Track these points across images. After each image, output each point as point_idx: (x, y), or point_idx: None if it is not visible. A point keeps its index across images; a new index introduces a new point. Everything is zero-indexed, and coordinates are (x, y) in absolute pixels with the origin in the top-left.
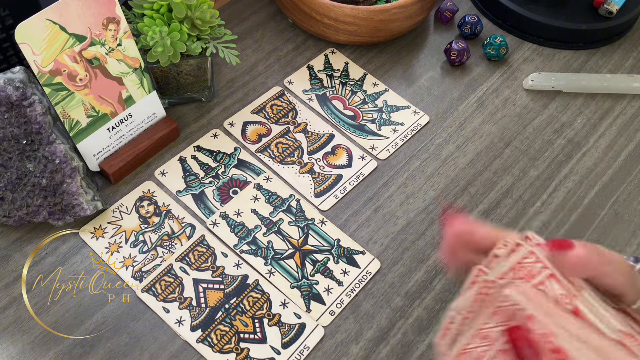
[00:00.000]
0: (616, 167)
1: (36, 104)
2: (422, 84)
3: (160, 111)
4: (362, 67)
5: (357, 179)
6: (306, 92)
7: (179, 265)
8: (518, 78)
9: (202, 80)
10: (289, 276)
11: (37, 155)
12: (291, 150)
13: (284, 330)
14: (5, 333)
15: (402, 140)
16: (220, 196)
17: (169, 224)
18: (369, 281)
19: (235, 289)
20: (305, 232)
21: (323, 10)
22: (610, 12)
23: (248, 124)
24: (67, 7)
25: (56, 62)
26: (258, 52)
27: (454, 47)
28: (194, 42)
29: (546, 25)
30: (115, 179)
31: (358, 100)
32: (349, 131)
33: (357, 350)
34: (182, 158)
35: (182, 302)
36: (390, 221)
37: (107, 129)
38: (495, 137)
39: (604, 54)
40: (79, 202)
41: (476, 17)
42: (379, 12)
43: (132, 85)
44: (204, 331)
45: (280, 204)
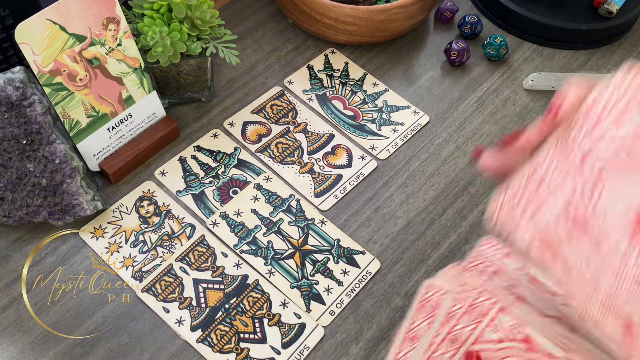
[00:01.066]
0: None
1: (36, 104)
2: (422, 84)
3: (160, 111)
4: (362, 67)
5: (357, 179)
6: (306, 92)
7: (179, 265)
8: (518, 78)
9: (202, 80)
10: (289, 276)
11: (37, 155)
12: (291, 150)
13: (284, 330)
14: (5, 333)
15: (402, 140)
16: (220, 196)
17: (169, 224)
18: (369, 281)
19: (235, 289)
20: (305, 232)
21: (323, 10)
22: (610, 12)
23: (248, 124)
24: (67, 7)
25: (56, 62)
26: (258, 52)
27: (454, 47)
28: (194, 42)
29: (546, 25)
30: (115, 179)
31: (358, 100)
32: (349, 131)
33: (357, 350)
34: (182, 158)
35: (182, 302)
36: (390, 221)
37: (107, 129)
38: (495, 137)
39: (604, 54)
40: (79, 202)
41: (476, 17)
42: (379, 12)
43: (132, 85)
44: (204, 331)
45: (280, 204)
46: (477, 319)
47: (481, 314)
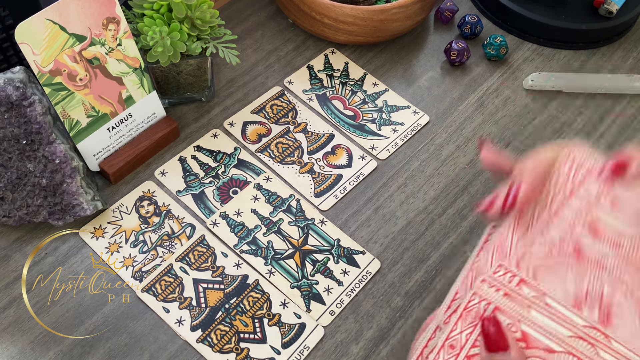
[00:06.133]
0: None
1: (36, 104)
2: (422, 84)
3: (160, 111)
4: (362, 67)
5: (357, 179)
6: (306, 92)
7: (179, 265)
8: (518, 78)
9: (202, 80)
10: (289, 276)
11: (37, 155)
12: (291, 150)
13: (284, 330)
14: (5, 333)
15: (402, 140)
16: (220, 196)
17: (169, 224)
18: (369, 281)
19: (235, 289)
20: (305, 232)
21: (323, 10)
22: (610, 12)
23: (248, 124)
24: (67, 7)
25: (56, 62)
26: (258, 52)
27: (454, 47)
28: (194, 42)
29: (546, 25)
30: (115, 179)
31: (358, 100)
32: (349, 131)
33: (357, 350)
34: (182, 158)
35: (182, 302)
36: (390, 221)
37: (107, 129)
38: (495, 137)
39: (604, 54)
40: (79, 202)
41: (476, 17)
42: (379, 12)
43: (132, 85)
44: (204, 331)
45: (280, 204)
46: (474, 321)
47: (477, 316)
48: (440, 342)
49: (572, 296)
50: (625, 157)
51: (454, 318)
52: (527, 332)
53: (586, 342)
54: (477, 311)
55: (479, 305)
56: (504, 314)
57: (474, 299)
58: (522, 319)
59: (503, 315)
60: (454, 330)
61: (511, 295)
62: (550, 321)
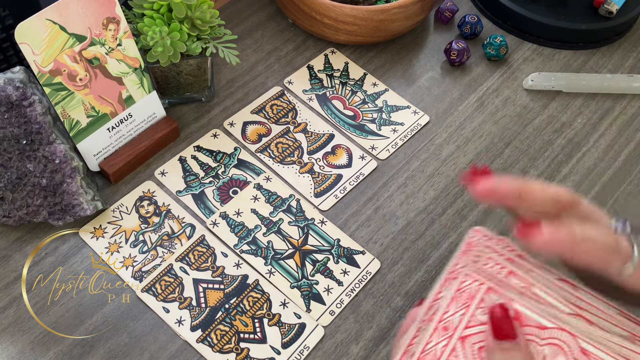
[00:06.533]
0: (616, 167)
1: (36, 104)
2: (422, 84)
3: (160, 111)
4: (362, 67)
5: (357, 179)
6: (306, 92)
7: (179, 265)
8: (518, 78)
9: (202, 80)
10: (289, 276)
11: (37, 155)
12: (291, 150)
13: (284, 330)
14: (5, 333)
15: (402, 140)
16: (220, 196)
17: (169, 224)
18: (369, 281)
19: (235, 289)
20: (305, 232)
21: (323, 10)
22: (610, 12)
23: (248, 124)
24: (67, 7)
25: (56, 62)
26: (258, 52)
27: (454, 47)
28: (194, 42)
29: (546, 25)
30: (115, 179)
31: (358, 100)
32: (349, 131)
33: (357, 350)
34: (182, 158)
35: (182, 302)
36: (390, 221)
37: (107, 129)
38: (495, 137)
39: (604, 54)
40: (79, 202)
41: (476, 17)
42: (379, 12)
43: (132, 85)
44: (204, 331)
45: (280, 204)
46: (466, 302)
47: (469, 297)
48: (431, 327)
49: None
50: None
51: (446, 300)
52: (520, 310)
53: (579, 318)
54: (469, 292)
55: (471, 286)
56: (496, 294)
57: (466, 280)
58: (514, 299)
59: (496, 295)
60: (447, 312)
61: (502, 280)
62: (540, 305)
